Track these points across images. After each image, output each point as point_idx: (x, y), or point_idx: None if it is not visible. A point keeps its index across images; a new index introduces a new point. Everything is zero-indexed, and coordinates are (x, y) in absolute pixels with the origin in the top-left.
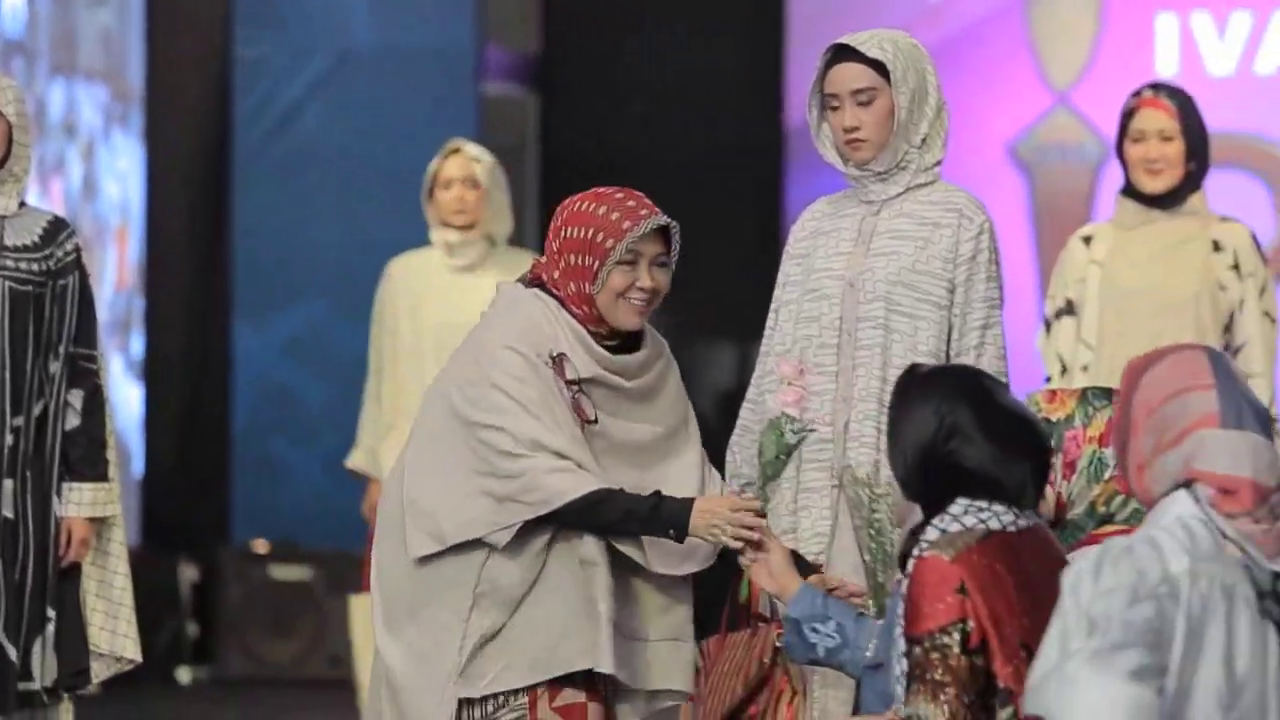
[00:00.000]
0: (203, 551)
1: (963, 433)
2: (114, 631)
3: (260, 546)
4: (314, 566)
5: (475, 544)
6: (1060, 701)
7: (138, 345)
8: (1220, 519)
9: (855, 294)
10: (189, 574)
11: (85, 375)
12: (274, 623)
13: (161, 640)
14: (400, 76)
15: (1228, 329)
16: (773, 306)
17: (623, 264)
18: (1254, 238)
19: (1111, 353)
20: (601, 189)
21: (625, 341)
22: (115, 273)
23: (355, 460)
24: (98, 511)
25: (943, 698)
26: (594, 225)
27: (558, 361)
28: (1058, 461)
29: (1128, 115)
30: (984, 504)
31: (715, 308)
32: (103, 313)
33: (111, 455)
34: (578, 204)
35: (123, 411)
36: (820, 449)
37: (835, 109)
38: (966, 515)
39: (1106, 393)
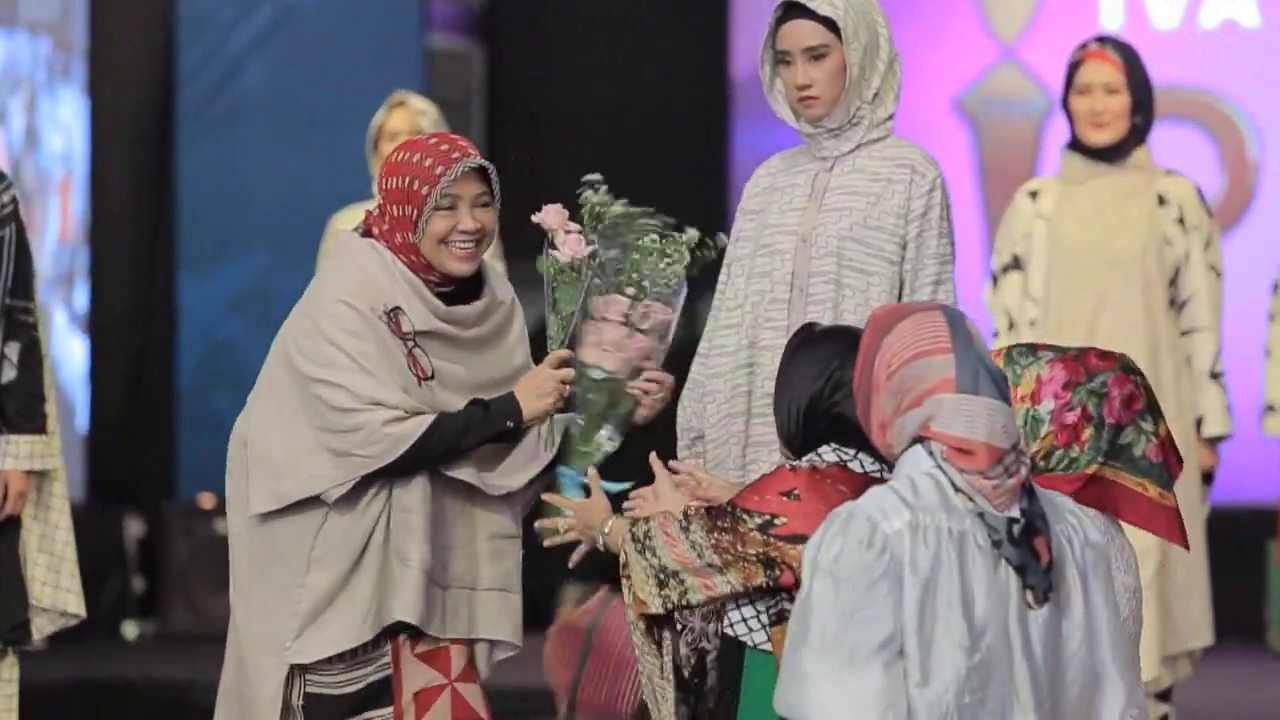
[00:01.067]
0: (148, 506)
1: (847, 386)
2: (56, 586)
3: (206, 501)
4: None
5: (313, 502)
6: (801, 702)
7: (82, 298)
8: (952, 471)
9: (808, 249)
10: (135, 528)
11: (22, 328)
12: (220, 577)
13: (107, 595)
14: (344, 30)
15: (1173, 283)
16: (725, 261)
17: (440, 209)
18: (1199, 191)
19: (1058, 307)
20: (418, 137)
21: (463, 288)
22: (58, 225)
23: None
24: (35, 465)
25: (715, 532)
26: (409, 173)
27: (393, 315)
28: None
29: (1073, 68)
30: (850, 450)
31: None
32: (46, 265)
33: (51, 409)
34: (396, 154)
35: (67, 365)
36: (769, 403)
37: (787, 65)
38: (831, 453)
39: (1031, 349)
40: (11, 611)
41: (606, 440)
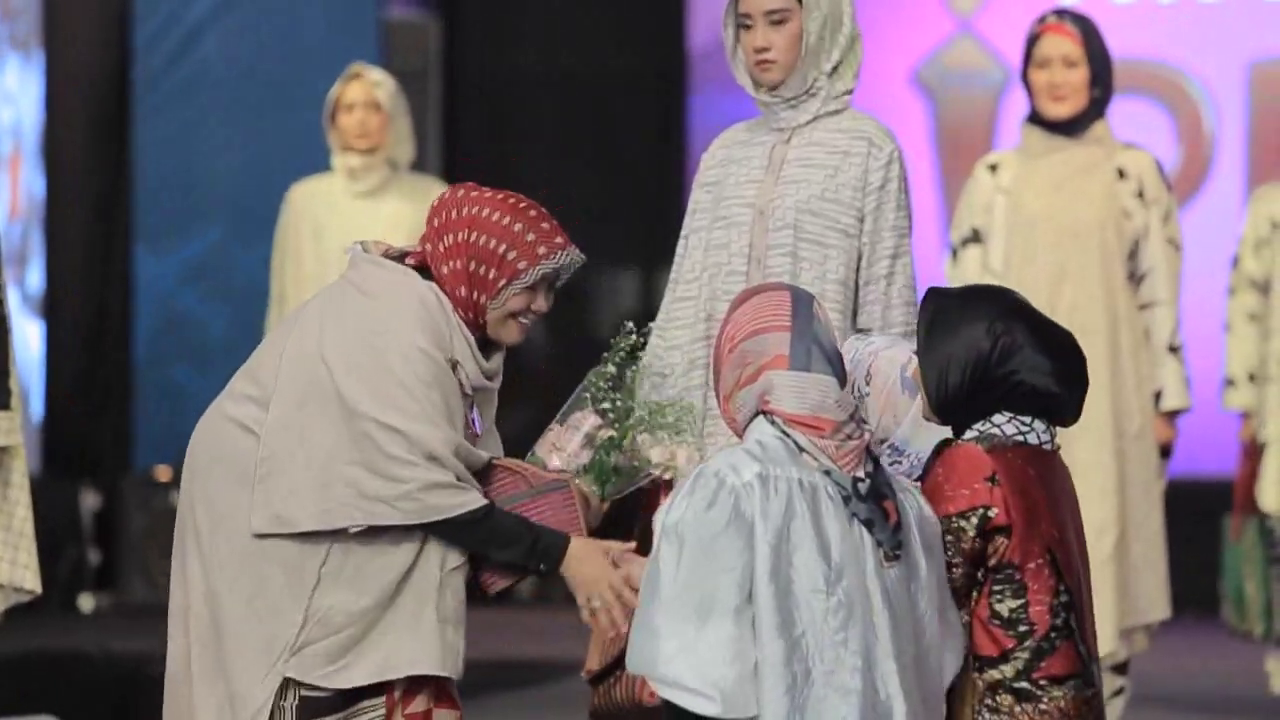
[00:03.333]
0: (105, 479)
1: (1022, 351)
2: (14, 563)
3: (162, 474)
4: None
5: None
6: (651, 657)
7: (35, 277)
8: (796, 434)
9: (765, 222)
10: (91, 501)
11: None
12: None
13: (63, 568)
14: (301, 1)
15: (1133, 256)
16: (682, 234)
17: (526, 288)
18: (1158, 165)
19: (1018, 280)
20: (511, 198)
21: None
22: (8, 200)
23: None
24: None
25: (951, 576)
26: (507, 240)
27: (455, 368)
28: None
29: (1032, 41)
30: (1027, 419)
31: (618, 233)
32: None
33: (14, 384)
34: (487, 211)
35: (20, 340)
36: None
37: (748, 29)
38: (1009, 424)
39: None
40: None
41: None
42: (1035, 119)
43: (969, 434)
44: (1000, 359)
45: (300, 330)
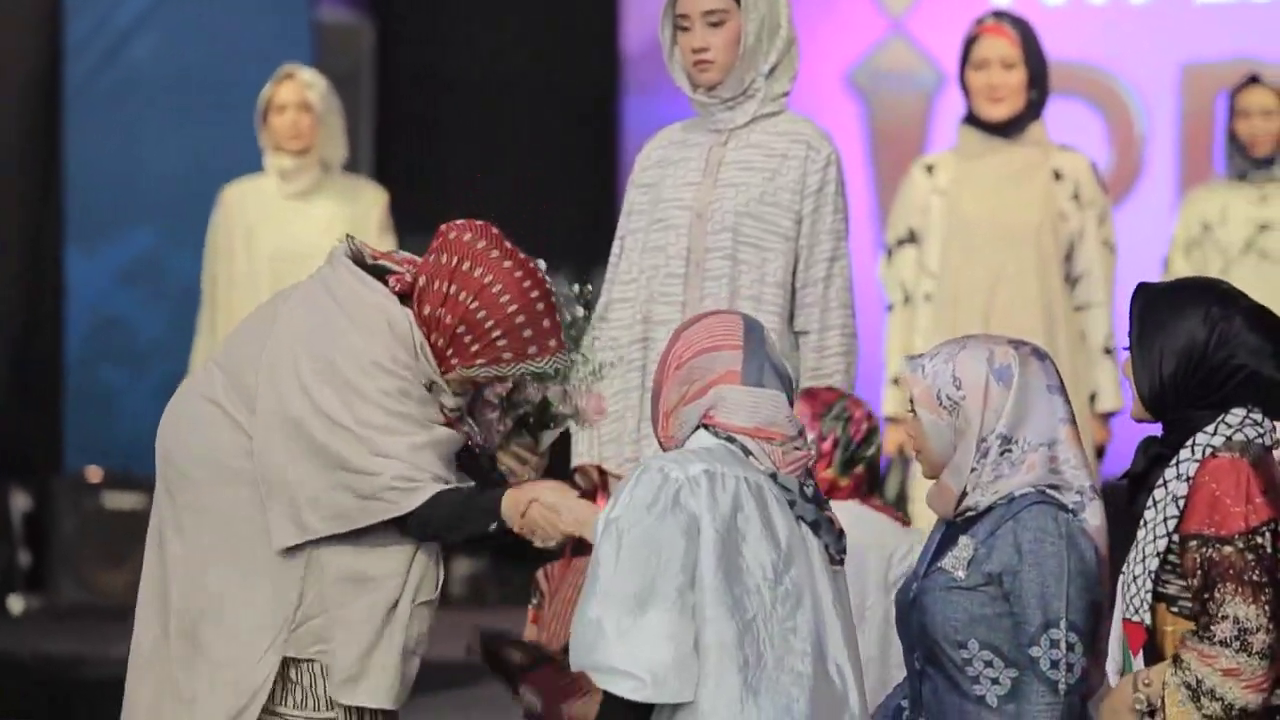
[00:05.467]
0: (35, 480)
1: (1240, 336)
2: None
3: (93, 475)
4: (148, 495)
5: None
6: (590, 648)
7: None
8: (743, 439)
9: (703, 225)
10: (21, 502)
11: None
12: (107, 551)
13: None
14: (233, 1)
15: (1068, 258)
16: (618, 234)
17: (500, 378)
18: (1094, 167)
19: (954, 282)
20: (526, 280)
21: None
22: None
23: None
24: None
25: (1263, 598)
26: (503, 327)
27: (431, 389)
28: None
29: (969, 43)
30: (1259, 417)
31: (551, 235)
32: None
33: None
34: (498, 287)
35: None
36: None
37: (686, 30)
38: (1247, 427)
39: None
40: None
41: None
42: (972, 120)
43: (1215, 438)
44: (1217, 345)
45: (276, 338)
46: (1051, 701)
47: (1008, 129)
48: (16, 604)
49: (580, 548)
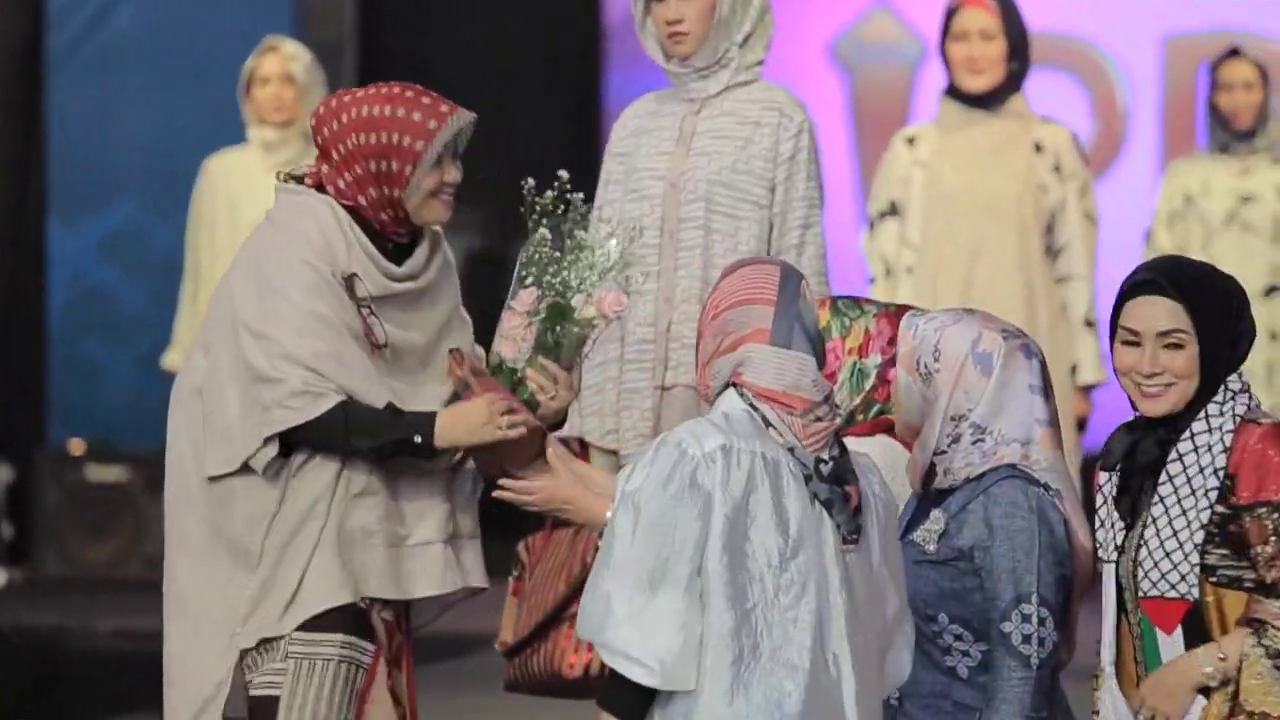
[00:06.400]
0: (18, 452)
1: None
2: None
3: (76, 447)
4: (131, 467)
5: (272, 475)
6: (600, 625)
7: None
8: (765, 409)
9: (677, 194)
10: (4, 475)
11: None
12: (91, 524)
13: None
14: None
15: (1049, 230)
16: (596, 204)
17: (433, 165)
18: (1075, 139)
19: (935, 254)
20: (383, 89)
21: (403, 243)
22: None
23: (172, 360)
24: None
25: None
26: (395, 129)
27: (350, 281)
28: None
29: (950, 14)
30: (1247, 381)
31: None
32: None
33: None
34: (366, 109)
35: None
36: (642, 350)
37: (659, 1)
38: (1243, 392)
39: (856, 302)
40: None
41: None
42: (953, 92)
43: (1234, 407)
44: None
45: (222, 283)
46: (1024, 675)
47: (988, 101)
48: (0, 576)
49: (560, 521)
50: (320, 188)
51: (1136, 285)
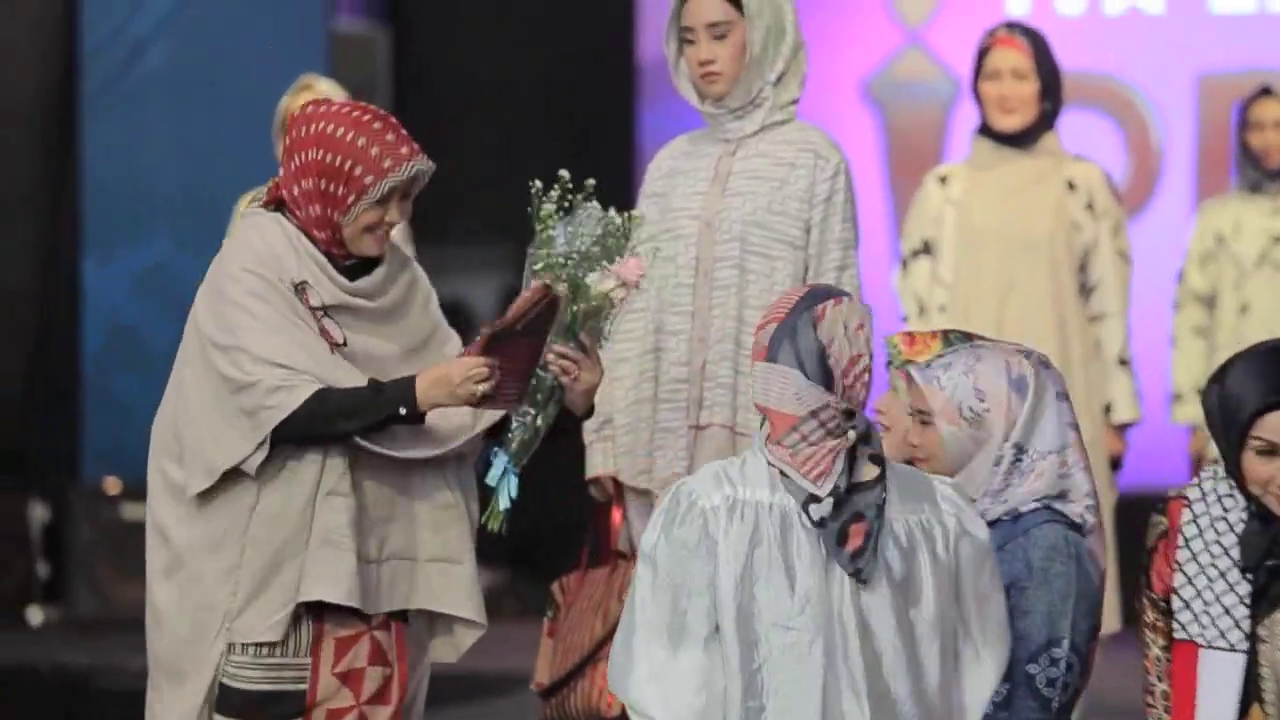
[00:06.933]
0: (53, 491)
1: None
2: None
3: (111, 486)
4: None
5: (245, 487)
6: (624, 683)
7: None
8: (768, 450)
9: (712, 234)
10: (39, 513)
11: None
12: (125, 563)
13: (11, 580)
14: (249, 11)
15: (1083, 268)
16: (629, 245)
17: (376, 202)
18: (1108, 177)
19: (966, 293)
20: (356, 111)
21: (363, 261)
22: None
23: None
24: None
25: None
26: (351, 156)
27: (300, 288)
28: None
29: (982, 53)
30: None
31: None
32: None
33: None
34: (332, 127)
35: None
36: (676, 389)
37: (691, 43)
38: None
39: (967, 336)
40: None
41: (537, 420)
42: (985, 131)
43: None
44: None
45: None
46: (1041, 718)
47: (1020, 139)
48: (35, 615)
49: (595, 560)
50: (274, 202)
51: (1273, 404)
